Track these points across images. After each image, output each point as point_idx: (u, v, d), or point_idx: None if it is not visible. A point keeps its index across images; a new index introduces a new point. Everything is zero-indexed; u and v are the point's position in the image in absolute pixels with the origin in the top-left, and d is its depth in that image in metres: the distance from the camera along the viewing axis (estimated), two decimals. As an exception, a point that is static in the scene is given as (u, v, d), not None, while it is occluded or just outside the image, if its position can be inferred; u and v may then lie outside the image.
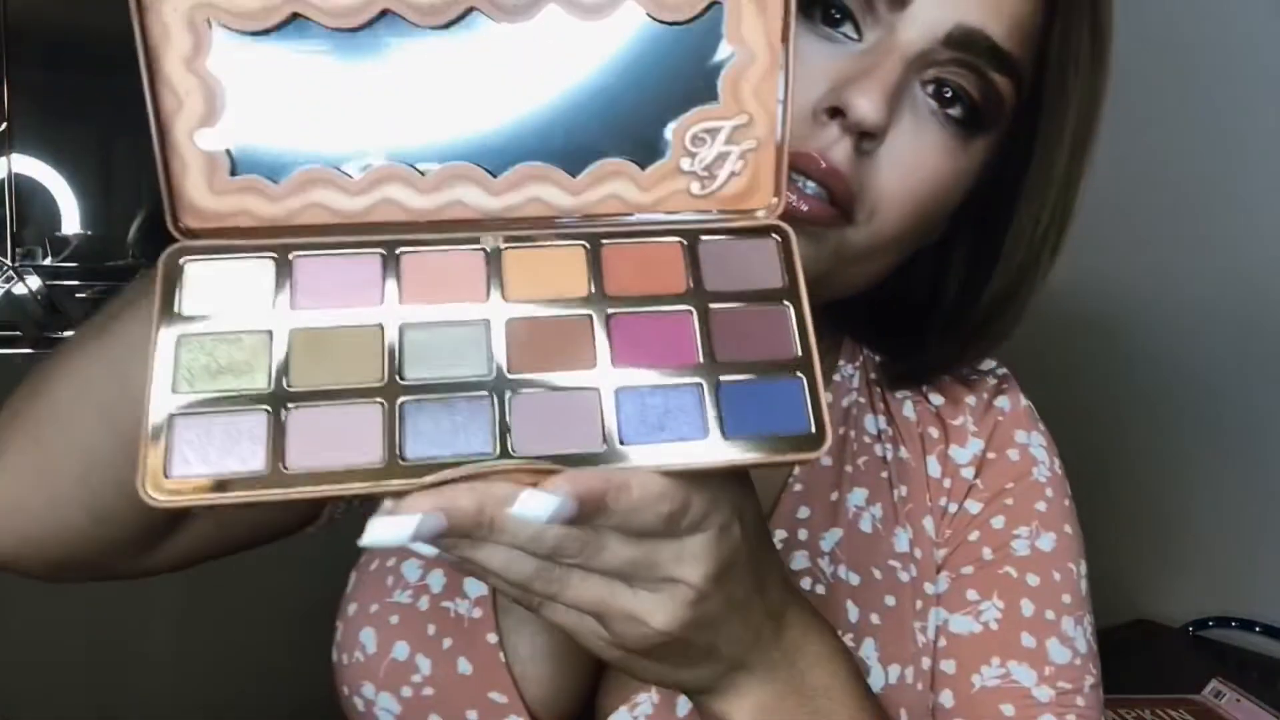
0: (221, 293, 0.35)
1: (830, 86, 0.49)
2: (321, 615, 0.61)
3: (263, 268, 0.35)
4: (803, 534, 0.57)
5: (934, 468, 0.60)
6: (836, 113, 0.49)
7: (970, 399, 0.62)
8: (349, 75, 0.35)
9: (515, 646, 0.53)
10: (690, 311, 0.36)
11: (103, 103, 1.52)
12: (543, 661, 0.53)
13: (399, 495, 0.32)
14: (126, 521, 0.48)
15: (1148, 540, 1.28)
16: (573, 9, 0.35)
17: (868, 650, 0.54)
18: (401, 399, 0.34)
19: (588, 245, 0.37)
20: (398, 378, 0.34)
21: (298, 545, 0.63)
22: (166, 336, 0.34)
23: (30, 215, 1.49)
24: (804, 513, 0.57)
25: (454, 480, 0.33)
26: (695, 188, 0.38)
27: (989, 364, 0.65)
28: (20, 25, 1.43)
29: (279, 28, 0.34)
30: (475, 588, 0.55)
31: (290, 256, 0.36)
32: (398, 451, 0.33)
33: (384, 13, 0.34)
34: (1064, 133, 0.54)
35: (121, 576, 0.53)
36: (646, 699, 0.53)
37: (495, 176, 0.37)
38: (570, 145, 0.37)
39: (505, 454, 0.33)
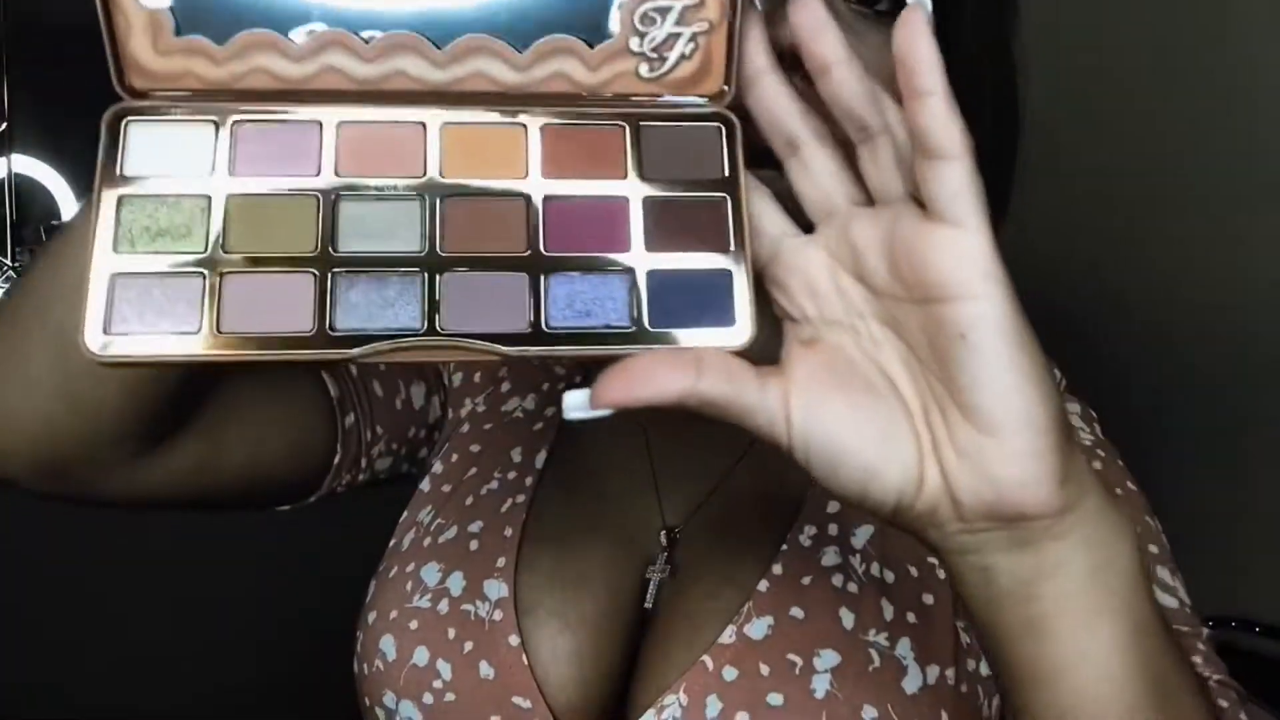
0: (162, 155, 0.35)
1: None
2: (341, 626, 0.60)
3: (203, 132, 0.36)
4: (833, 528, 0.53)
5: None
6: None
7: None
8: (289, -64, 0.34)
9: (538, 649, 0.52)
10: (626, 200, 0.36)
11: (103, 102, 1.49)
12: (566, 663, 0.52)
13: (331, 364, 0.34)
14: (104, 412, 0.46)
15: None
16: (520, -126, 0.34)
17: (903, 649, 0.50)
18: (334, 271, 0.35)
19: (529, 126, 0.37)
20: (331, 250, 0.35)
21: (317, 555, 0.61)
22: (109, 196, 0.35)
23: (30, 215, 1.50)
24: (834, 506, 0.54)
25: (384, 354, 0.34)
26: (644, 69, 0.37)
27: None
28: (20, 24, 1.41)
29: (216, -117, 0.33)
30: (495, 589, 0.54)
31: (230, 122, 0.36)
32: (328, 323, 0.34)
33: None
34: None
35: (113, 498, 0.50)
36: (675, 701, 0.49)
37: (439, 48, 0.36)
38: (515, 18, 0.36)
39: (433, 331, 0.34)
